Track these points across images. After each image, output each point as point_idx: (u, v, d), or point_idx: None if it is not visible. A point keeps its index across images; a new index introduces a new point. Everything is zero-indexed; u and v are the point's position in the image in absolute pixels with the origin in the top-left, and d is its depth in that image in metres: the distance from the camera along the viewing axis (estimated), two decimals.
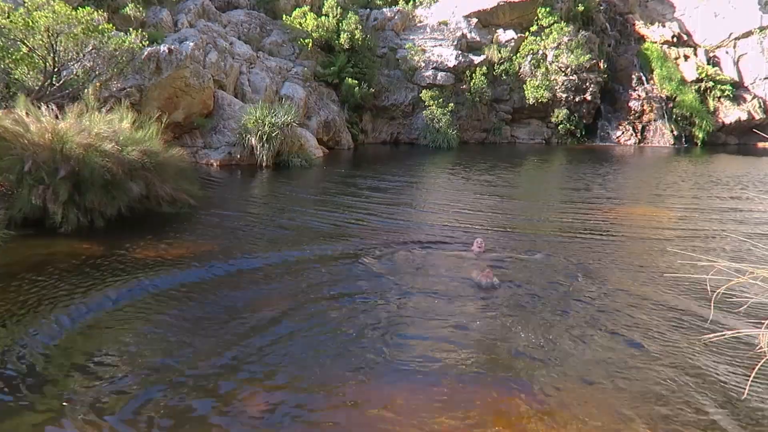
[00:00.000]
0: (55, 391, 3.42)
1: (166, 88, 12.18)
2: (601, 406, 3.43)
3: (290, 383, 3.62)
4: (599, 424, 3.24)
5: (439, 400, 3.46)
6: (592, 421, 3.27)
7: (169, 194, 7.68)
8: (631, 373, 3.82)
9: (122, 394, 3.40)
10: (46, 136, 6.71)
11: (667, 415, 3.34)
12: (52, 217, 6.54)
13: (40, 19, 8.84)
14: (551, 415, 3.32)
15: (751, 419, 3.33)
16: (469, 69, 19.42)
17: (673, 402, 3.48)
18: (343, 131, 17.55)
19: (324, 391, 3.54)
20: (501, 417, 3.31)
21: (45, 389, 3.43)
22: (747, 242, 6.72)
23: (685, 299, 5.16)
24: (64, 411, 3.22)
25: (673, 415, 3.34)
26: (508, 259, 6.31)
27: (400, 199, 9.95)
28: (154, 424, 3.14)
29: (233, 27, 17.00)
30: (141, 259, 5.91)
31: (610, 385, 3.66)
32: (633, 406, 3.42)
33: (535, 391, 3.57)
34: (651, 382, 3.70)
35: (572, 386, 3.63)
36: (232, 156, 13.00)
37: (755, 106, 21.07)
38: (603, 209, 9.36)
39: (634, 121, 21.21)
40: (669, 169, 15.27)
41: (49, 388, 3.45)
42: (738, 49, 21.93)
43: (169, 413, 3.25)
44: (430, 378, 3.71)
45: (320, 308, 4.83)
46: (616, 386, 3.64)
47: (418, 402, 3.44)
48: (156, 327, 4.37)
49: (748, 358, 3.96)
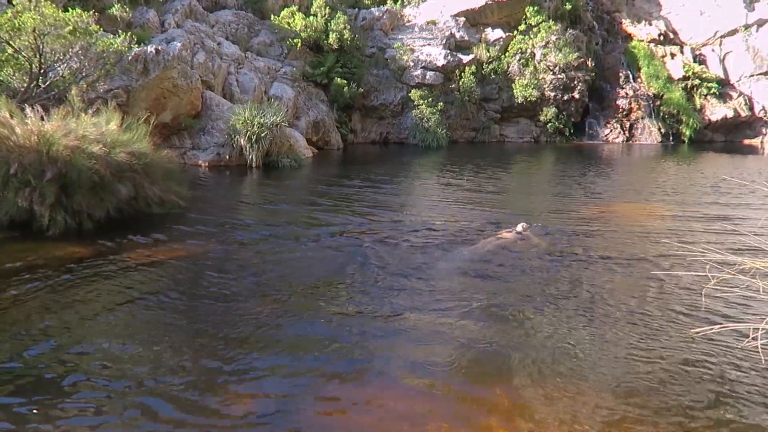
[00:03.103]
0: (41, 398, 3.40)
1: (153, 89, 12.11)
2: (588, 402, 3.46)
3: (276, 388, 3.63)
4: (583, 418, 3.27)
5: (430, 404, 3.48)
6: (578, 416, 3.29)
7: (158, 195, 7.65)
8: (616, 364, 3.86)
9: (108, 401, 3.38)
10: (32, 138, 6.65)
11: (652, 410, 3.37)
12: (39, 220, 6.49)
13: (27, 20, 8.76)
14: (533, 410, 3.35)
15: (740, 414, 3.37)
16: (457, 68, 19.46)
17: (657, 396, 3.51)
18: (333, 131, 17.53)
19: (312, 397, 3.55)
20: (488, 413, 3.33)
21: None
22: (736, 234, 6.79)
23: (676, 292, 5.21)
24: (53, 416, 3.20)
25: (659, 410, 3.37)
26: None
27: (389, 200, 9.96)
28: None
29: (221, 27, 16.92)
30: (129, 261, 5.88)
31: (597, 378, 3.70)
32: (617, 399, 3.46)
33: (518, 387, 3.59)
34: (635, 374, 3.73)
35: (557, 381, 3.66)
36: (221, 157, 12.95)
37: (741, 103, 21.28)
38: (594, 206, 9.43)
39: (622, 119, 21.35)
40: (661, 168, 15.38)
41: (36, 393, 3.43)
42: (724, 47, 22.13)
43: (154, 419, 3.24)
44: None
45: (313, 309, 4.83)
46: (601, 379, 3.68)
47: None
48: (144, 329, 4.34)
49: (740, 350, 4.01)
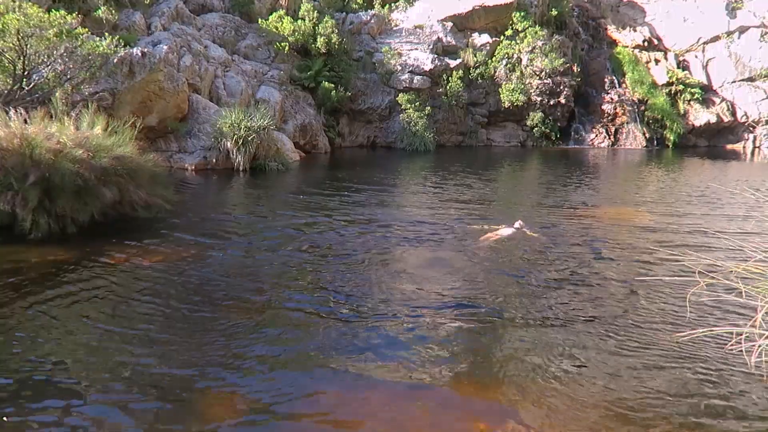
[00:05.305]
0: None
1: (139, 92, 12.02)
2: (573, 407, 3.49)
3: (264, 390, 3.62)
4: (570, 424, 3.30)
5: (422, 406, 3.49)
6: (562, 421, 3.32)
7: (144, 199, 7.59)
8: (604, 369, 3.90)
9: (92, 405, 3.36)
10: (14, 141, 6.57)
11: (636, 413, 3.41)
12: (21, 224, 6.42)
13: (11, 21, 8.66)
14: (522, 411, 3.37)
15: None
16: (445, 73, 19.53)
17: (641, 400, 3.55)
18: (320, 135, 17.51)
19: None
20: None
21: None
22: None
23: (661, 296, 5.27)
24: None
25: (642, 413, 3.40)
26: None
27: (377, 203, 9.97)
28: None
29: (208, 30, 16.85)
30: (112, 265, 5.83)
31: (588, 381, 3.73)
32: (602, 404, 3.49)
33: (505, 391, 3.61)
34: (620, 378, 3.77)
35: (548, 384, 3.69)
36: (208, 160, 12.88)
37: (724, 109, 21.57)
38: (581, 210, 9.52)
39: (608, 124, 21.54)
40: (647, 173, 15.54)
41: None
42: (706, 54, 22.43)
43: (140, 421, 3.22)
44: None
45: (300, 313, 4.82)
46: (591, 382, 3.71)
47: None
48: (128, 333, 4.31)
49: (723, 354, 4.07)
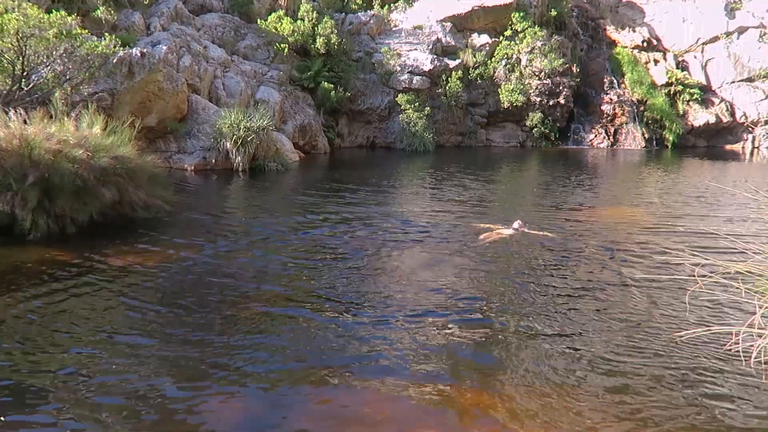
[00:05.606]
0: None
1: (138, 93, 12.02)
2: (573, 406, 3.49)
3: (262, 390, 3.62)
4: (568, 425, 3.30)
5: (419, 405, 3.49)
6: (563, 420, 3.32)
7: (143, 200, 7.59)
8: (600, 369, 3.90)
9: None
10: (13, 141, 6.57)
11: (636, 412, 3.41)
12: (20, 224, 6.41)
13: (10, 21, 8.66)
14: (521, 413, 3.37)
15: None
16: (444, 73, 19.54)
17: (641, 398, 3.55)
18: (320, 135, 17.52)
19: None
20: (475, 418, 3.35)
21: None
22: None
23: (661, 297, 5.27)
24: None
25: (642, 413, 3.40)
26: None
27: (376, 206, 9.97)
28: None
29: (207, 30, 16.85)
30: (112, 266, 5.83)
31: (586, 381, 3.73)
32: (602, 403, 3.49)
33: (507, 390, 3.61)
34: (620, 377, 3.77)
35: (548, 385, 3.69)
36: (207, 161, 12.89)
37: (723, 109, 21.59)
38: (581, 208, 9.53)
39: (607, 124, 21.55)
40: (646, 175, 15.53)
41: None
42: (705, 54, 22.44)
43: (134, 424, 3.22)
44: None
45: (299, 313, 4.82)
46: (588, 382, 3.71)
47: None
48: (127, 334, 4.30)
49: (723, 353, 4.07)
